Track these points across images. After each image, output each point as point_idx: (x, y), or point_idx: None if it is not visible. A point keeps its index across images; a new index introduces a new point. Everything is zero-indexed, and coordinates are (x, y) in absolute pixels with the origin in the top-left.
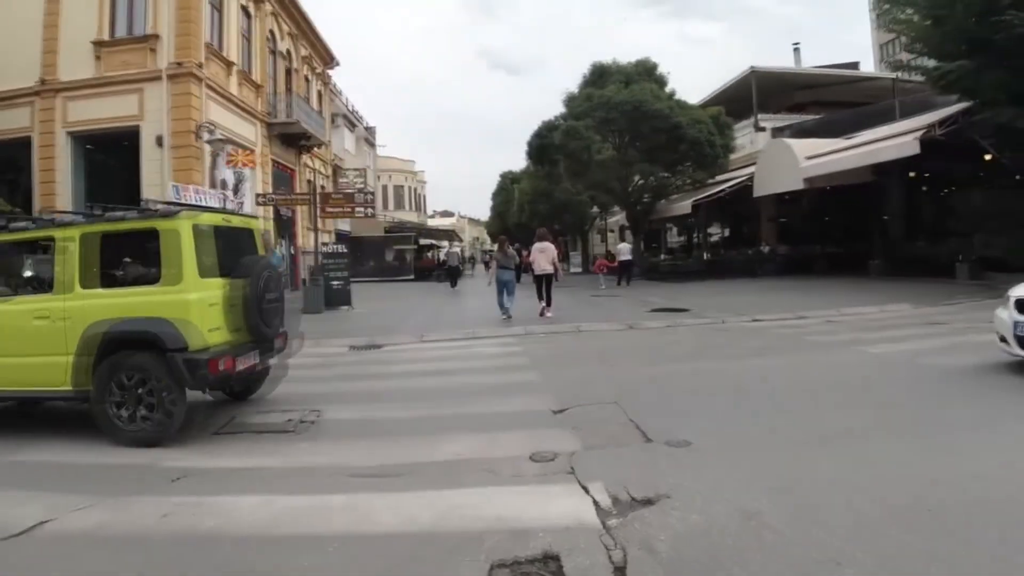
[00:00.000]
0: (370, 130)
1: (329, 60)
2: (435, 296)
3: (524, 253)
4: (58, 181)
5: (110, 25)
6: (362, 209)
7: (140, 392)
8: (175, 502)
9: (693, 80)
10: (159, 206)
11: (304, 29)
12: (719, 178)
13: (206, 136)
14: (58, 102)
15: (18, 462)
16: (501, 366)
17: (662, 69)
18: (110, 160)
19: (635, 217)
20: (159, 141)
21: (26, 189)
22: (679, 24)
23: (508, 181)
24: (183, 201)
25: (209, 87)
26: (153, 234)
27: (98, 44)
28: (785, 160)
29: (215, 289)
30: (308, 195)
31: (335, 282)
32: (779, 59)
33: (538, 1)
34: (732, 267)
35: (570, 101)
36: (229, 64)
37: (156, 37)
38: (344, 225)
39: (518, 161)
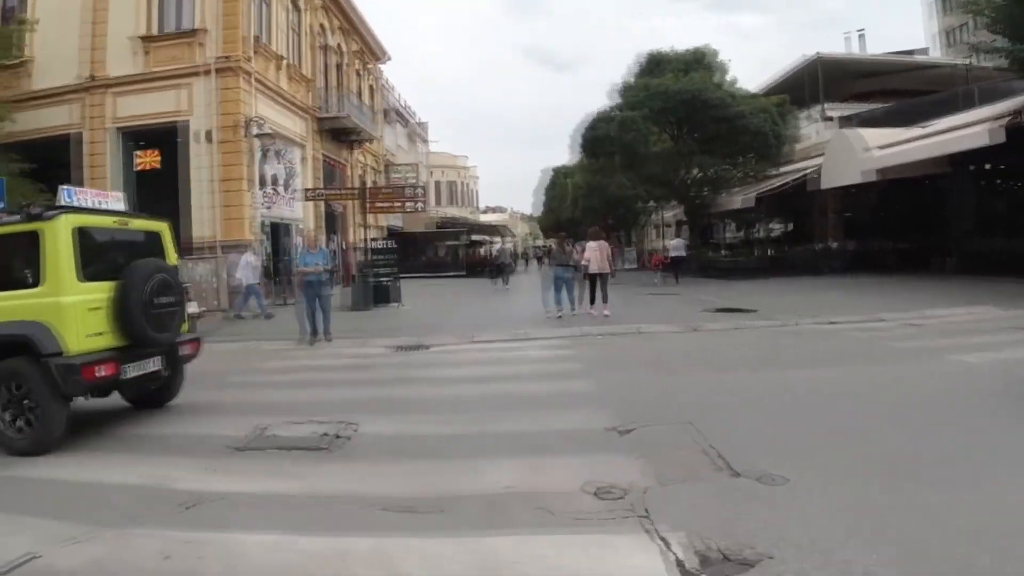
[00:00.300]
0: (421, 126)
1: (380, 55)
2: (486, 293)
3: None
4: (107, 176)
5: (157, 20)
6: (411, 203)
7: (24, 400)
8: (180, 539)
9: (745, 72)
10: (36, 209)
11: (354, 23)
12: (781, 170)
13: (255, 130)
14: (107, 98)
15: (11, 477)
16: (554, 372)
17: (721, 57)
18: (158, 155)
19: (692, 211)
20: (207, 136)
21: (75, 185)
22: (728, 17)
23: (560, 176)
24: (73, 203)
25: (257, 81)
26: (34, 237)
27: (145, 39)
28: (854, 150)
29: (99, 293)
30: (356, 189)
31: (383, 278)
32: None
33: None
34: (795, 264)
35: (624, 91)
36: (277, 58)
37: (203, 31)
38: (395, 221)
39: (567, 155)
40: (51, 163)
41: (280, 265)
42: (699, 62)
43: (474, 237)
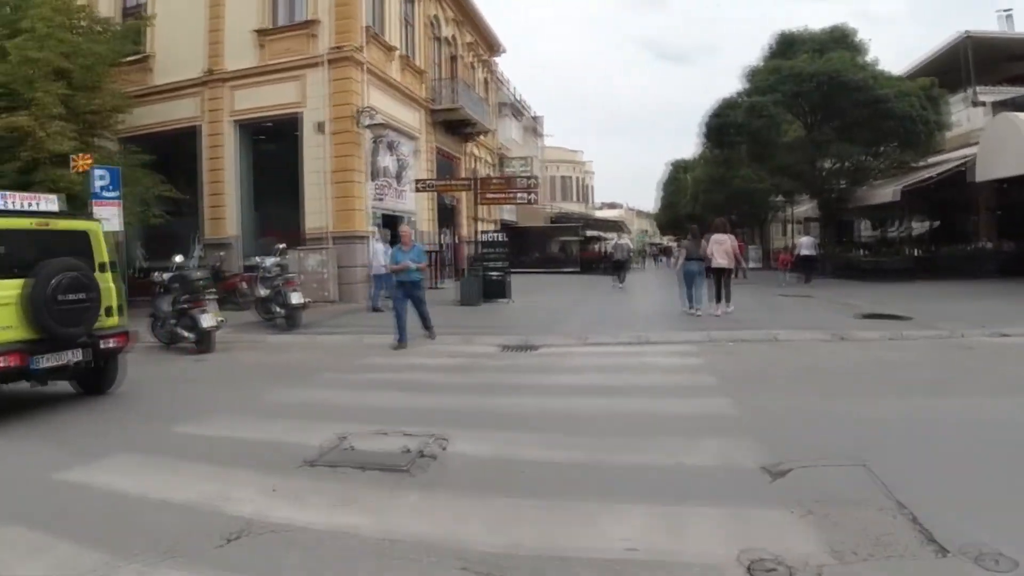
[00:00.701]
0: (536, 120)
1: (494, 48)
2: (601, 291)
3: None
4: (225, 168)
5: (271, 13)
6: (523, 194)
7: None
8: None
9: (882, 59)
10: None
11: (468, 14)
12: (929, 160)
13: (367, 121)
14: (225, 91)
15: (65, 482)
16: (683, 386)
17: (860, 36)
18: (273, 147)
19: (826, 206)
20: (319, 127)
21: (193, 176)
22: (858, 4)
23: (679, 170)
24: None
25: (369, 72)
26: None
27: (260, 32)
28: (1018, 138)
29: (9, 290)
30: (467, 180)
31: (493, 273)
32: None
33: None
34: (944, 266)
35: (753, 76)
36: (390, 49)
37: (316, 22)
38: (509, 215)
39: (686, 149)
40: (175, 155)
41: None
42: (836, 42)
43: (589, 233)
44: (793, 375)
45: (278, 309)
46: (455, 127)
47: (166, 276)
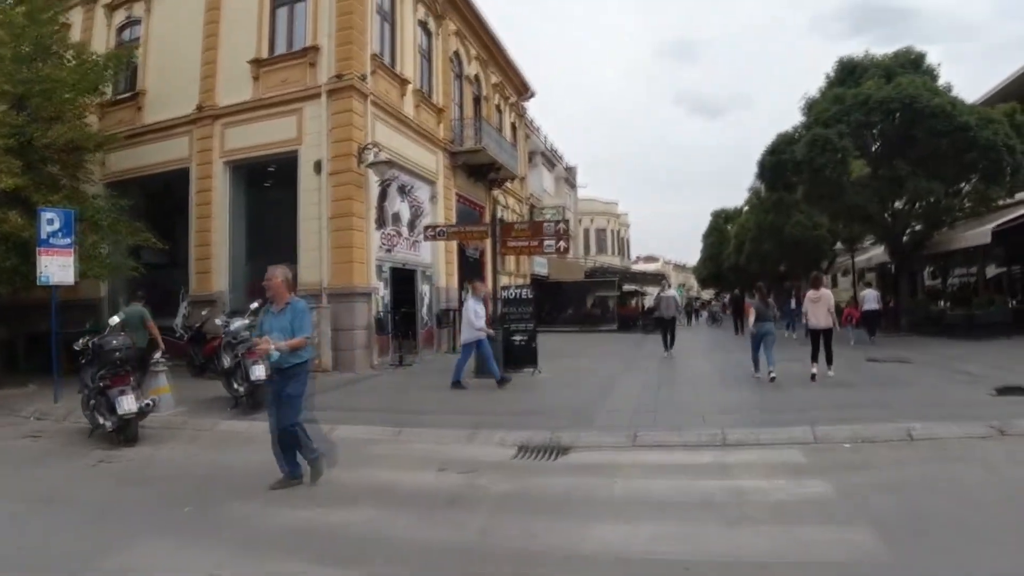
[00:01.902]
0: (570, 170)
1: (523, 90)
2: (645, 353)
3: (746, 302)
4: (214, 215)
5: (269, 42)
6: (553, 242)
7: None
8: None
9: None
10: None
11: (494, 54)
12: (1017, 197)
13: (370, 158)
14: (216, 129)
15: None
16: (817, 543)
17: (930, 60)
18: (269, 192)
19: (899, 252)
20: (317, 167)
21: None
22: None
23: (720, 220)
24: None
25: (376, 105)
26: None
27: (256, 63)
28: None
29: None
30: (486, 226)
31: (517, 336)
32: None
33: (735, 41)
34: None
35: (812, 107)
36: (403, 81)
37: (316, 49)
38: (541, 268)
39: (725, 201)
40: (168, 201)
41: (397, 318)
42: (903, 67)
43: (626, 287)
44: (993, 520)
45: (237, 386)
46: (479, 172)
47: (85, 342)
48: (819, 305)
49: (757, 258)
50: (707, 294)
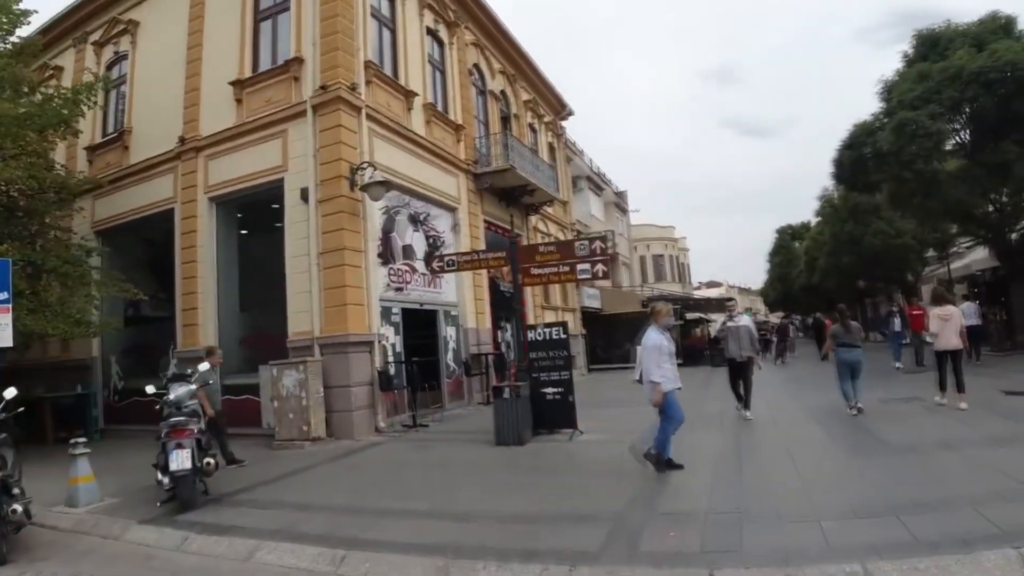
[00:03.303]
0: (620, 194)
1: (559, 108)
2: (715, 395)
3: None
4: (199, 259)
5: (252, 59)
6: (587, 266)
7: None
8: None
9: None
10: None
11: (522, 68)
12: None
13: (365, 179)
14: (200, 162)
15: None
16: None
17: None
18: (261, 230)
19: (1009, 252)
20: (303, 194)
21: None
22: None
23: (787, 237)
24: None
25: (373, 119)
26: None
27: (238, 84)
28: None
29: None
30: (502, 251)
31: (548, 389)
32: None
33: (781, 61)
34: None
35: (890, 91)
36: (407, 93)
37: (299, 61)
38: (593, 301)
39: (784, 219)
40: (158, 246)
41: (412, 368)
42: (994, 33)
43: (689, 315)
44: None
45: (160, 477)
46: (510, 195)
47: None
48: (950, 324)
49: (833, 274)
50: (775, 317)
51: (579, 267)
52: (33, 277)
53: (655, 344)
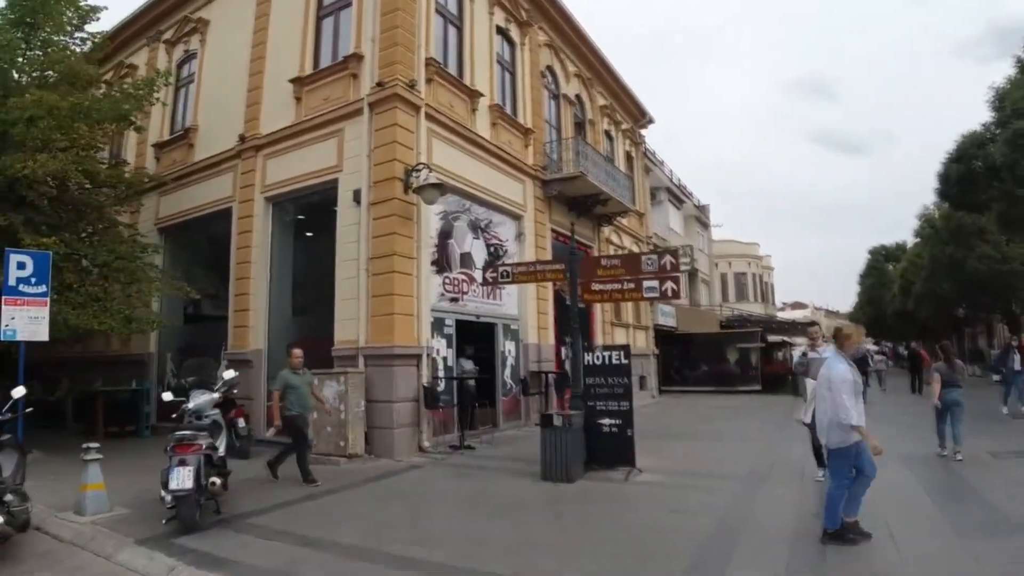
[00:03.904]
0: (702, 208)
1: (639, 115)
2: (799, 436)
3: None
4: (253, 260)
5: (314, 57)
6: (654, 284)
7: None
8: None
9: None
10: None
11: (599, 72)
12: None
13: (422, 179)
14: (258, 161)
15: None
16: None
17: None
18: (317, 232)
19: None
20: (355, 196)
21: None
22: None
23: (880, 258)
24: None
25: (434, 119)
26: None
27: (298, 82)
28: None
29: None
30: (558, 264)
31: (604, 420)
32: None
33: (872, 75)
34: None
35: (1003, 99)
36: (472, 93)
37: (358, 58)
38: (667, 319)
39: (876, 240)
40: (218, 245)
41: (465, 386)
42: None
43: (771, 339)
44: None
45: (163, 493)
46: (581, 204)
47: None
48: None
49: (929, 300)
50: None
51: (646, 284)
52: (84, 271)
53: (842, 377)
